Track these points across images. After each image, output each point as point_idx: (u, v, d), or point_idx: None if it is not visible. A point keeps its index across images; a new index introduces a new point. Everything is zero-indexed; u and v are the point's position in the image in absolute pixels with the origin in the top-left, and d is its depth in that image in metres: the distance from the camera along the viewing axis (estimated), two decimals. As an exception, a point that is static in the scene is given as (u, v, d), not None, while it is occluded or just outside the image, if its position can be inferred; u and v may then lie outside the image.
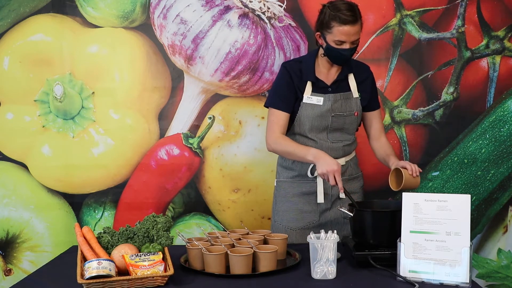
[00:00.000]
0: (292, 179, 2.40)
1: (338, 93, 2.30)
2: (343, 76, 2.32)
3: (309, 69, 2.30)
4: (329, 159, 2.15)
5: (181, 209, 3.10)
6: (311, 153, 2.20)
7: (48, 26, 2.98)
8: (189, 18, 2.93)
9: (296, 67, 2.33)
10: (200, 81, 3.00)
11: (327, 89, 2.30)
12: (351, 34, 2.16)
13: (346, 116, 2.32)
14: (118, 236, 2.01)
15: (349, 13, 2.14)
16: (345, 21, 2.14)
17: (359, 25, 2.19)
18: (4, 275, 3.08)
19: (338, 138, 2.33)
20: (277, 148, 2.31)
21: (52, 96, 3.01)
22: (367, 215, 2.03)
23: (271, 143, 2.32)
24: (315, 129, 2.31)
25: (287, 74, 2.32)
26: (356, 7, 2.19)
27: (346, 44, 2.18)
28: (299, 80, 2.30)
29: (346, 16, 2.14)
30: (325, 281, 1.83)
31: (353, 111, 2.33)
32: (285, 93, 2.31)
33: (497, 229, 3.08)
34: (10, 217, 3.06)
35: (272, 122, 2.32)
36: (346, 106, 2.31)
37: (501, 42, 2.98)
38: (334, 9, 2.17)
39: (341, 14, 2.14)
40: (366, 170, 3.02)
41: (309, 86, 2.30)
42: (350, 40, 2.17)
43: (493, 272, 2.22)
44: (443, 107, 3.01)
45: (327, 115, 2.29)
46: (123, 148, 3.04)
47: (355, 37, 2.18)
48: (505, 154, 3.01)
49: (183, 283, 1.83)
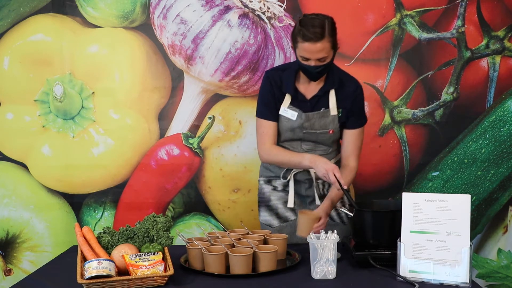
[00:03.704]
0: (269, 178, 2.41)
1: (313, 112, 2.24)
2: (323, 91, 2.24)
3: (289, 80, 2.24)
4: (325, 160, 2.15)
5: (181, 209, 3.10)
6: (306, 158, 2.18)
7: (48, 26, 2.98)
8: (189, 18, 2.93)
9: (277, 76, 2.27)
10: (200, 81, 3.00)
11: (306, 103, 2.25)
12: (313, 52, 2.08)
13: (319, 133, 2.27)
14: (118, 236, 2.01)
15: (313, 30, 2.06)
16: (308, 38, 2.06)
17: (326, 42, 2.08)
18: (4, 275, 3.08)
19: (312, 148, 2.30)
20: (271, 159, 2.30)
21: (52, 96, 3.01)
22: (367, 215, 2.03)
23: (263, 155, 2.30)
24: (288, 139, 2.31)
25: (268, 83, 2.27)
26: (326, 24, 2.09)
27: (311, 61, 2.11)
28: (278, 91, 2.26)
29: (310, 33, 2.05)
30: (325, 281, 1.83)
31: (327, 128, 2.26)
32: (270, 102, 2.27)
33: (497, 229, 3.08)
34: (10, 217, 3.06)
35: (262, 133, 2.29)
36: (320, 124, 2.25)
37: (501, 42, 2.98)
38: (302, 24, 2.09)
39: (305, 30, 2.06)
40: (366, 170, 3.02)
41: (287, 98, 2.25)
42: (314, 57, 2.09)
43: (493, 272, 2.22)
44: (443, 107, 3.01)
45: (299, 131, 2.27)
46: (123, 148, 3.04)
47: (320, 55, 2.09)
48: (505, 154, 3.01)
49: (183, 283, 1.83)
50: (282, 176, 2.35)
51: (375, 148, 3.04)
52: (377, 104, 3.02)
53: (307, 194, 2.35)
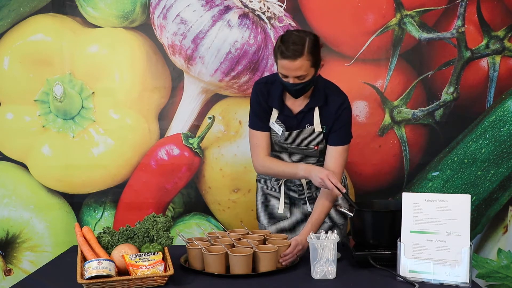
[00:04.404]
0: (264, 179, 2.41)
1: (296, 130, 2.21)
2: (308, 108, 2.20)
3: (276, 95, 2.21)
4: (319, 168, 2.14)
5: (181, 209, 3.10)
6: (301, 169, 2.17)
7: (48, 26, 2.98)
8: (189, 18, 2.93)
9: (265, 89, 2.23)
10: (200, 81, 3.00)
11: (292, 118, 2.22)
12: (291, 69, 2.03)
13: (304, 149, 2.25)
14: (118, 236, 2.01)
15: (293, 47, 2.00)
16: (286, 55, 2.01)
17: (305, 60, 2.01)
18: (4, 275, 3.08)
19: (300, 159, 2.29)
20: (265, 171, 2.29)
21: (52, 96, 3.01)
22: (367, 215, 2.04)
23: (258, 166, 2.28)
24: (278, 151, 2.30)
25: (256, 95, 2.25)
26: (307, 41, 2.03)
27: (290, 78, 2.06)
28: (266, 104, 2.24)
29: (287, 51, 2.00)
30: (325, 281, 1.84)
31: (312, 145, 2.24)
32: (260, 113, 2.25)
33: (497, 229, 3.08)
34: (10, 217, 3.06)
35: (255, 145, 2.27)
36: (304, 141, 2.23)
37: (501, 42, 2.98)
38: (282, 40, 2.04)
39: (284, 48, 2.01)
40: (365, 170, 3.02)
41: (275, 112, 2.23)
42: (292, 75, 2.04)
43: (493, 272, 2.22)
44: (443, 107, 3.01)
45: (284, 145, 2.26)
46: (123, 148, 3.04)
47: (298, 73, 2.03)
48: (505, 154, 3.01)
49: (183, 283, 1.84)
50: (273, 182, 2.35)
51: (375, 148, 3.04)
52: (377, 104, 3.02)
53: (300, 196, 2.36)
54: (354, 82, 2.95)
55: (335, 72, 2.28)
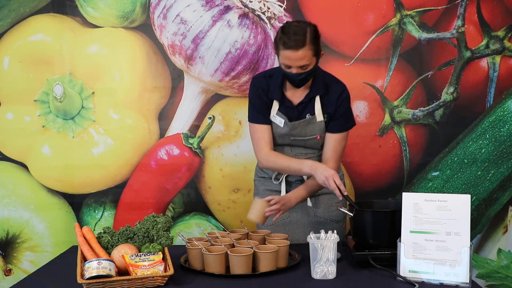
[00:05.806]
0: (263, 179, 2.41)
1: (299, 120, 2.23)
2: (308, 98, 2.22)
3: (275, 87, 2.23)
4: (325, 167, 2.14)
5: (181, 209, 3.10)
6: (306, 165, 2.17)
7: (48, 26, 2.98)
8: (189, 18, 2.93)
9: (264, 83, 2.25)
10: (200, 81, 3.00)
11: (293, 109, 2.24)
12: (295, 59, 2.06)
13: (306, 139, 2.27)
14: (118, 236, 2.01)
15: (295, 38, 2.03)
16: (288, 46, 2.04)
17: (308, 50, 2.05)
18: (4, 275, 3.08)
19: (301, 152, 2.30)
20: (270, 165, 2.28)
21: (52, 96, 3.01)
22: (367, 215, 2.03)
23: (262, 161, 2.29)
24: (279, 144, 2.31)
25: (255, 89, 2.26)
26: (308, 31, 2.07)
27: (293, 68, 2.09)
28: (266, 97, 2.25)
29: (290, 41, 2.03)
30: (325, 281, 1.83)
31: (314, 134, 2.25)
32: (260, 107, 2.26)
33: (497, 229, 3.08)
34: (10, 217, 3.06)
35: (258, 139, 2.27)
36: (306, 131, 2.25)
37: (501, 42, 2.98)
38: (283, 31, 2.07)
39: (286, 38, 2.04)
40: (365, 170, 3.02)
41: (275, 104, 2.24)
42: (296, 65, 2.07)
43: (493, 272, 2.22)
44: (443, 107, 3.01)
45: (287, 137, 2.27)
46: (123, 148, 3.04)
47: (301, 62, 2.07)
48: (505, 154, 3.01)
49: (183, 283, 1.83)
50: (274, 178, 2.35)
51: (375, 148, 3.04)
52: (377, 104, 3.02)
53: None
54: (354, 82, 2.95)
55: (335, 72, 2.28)
